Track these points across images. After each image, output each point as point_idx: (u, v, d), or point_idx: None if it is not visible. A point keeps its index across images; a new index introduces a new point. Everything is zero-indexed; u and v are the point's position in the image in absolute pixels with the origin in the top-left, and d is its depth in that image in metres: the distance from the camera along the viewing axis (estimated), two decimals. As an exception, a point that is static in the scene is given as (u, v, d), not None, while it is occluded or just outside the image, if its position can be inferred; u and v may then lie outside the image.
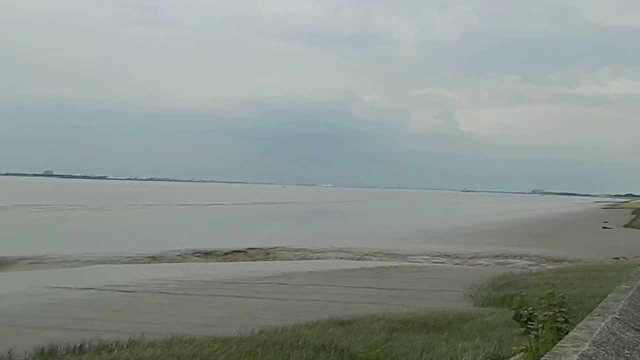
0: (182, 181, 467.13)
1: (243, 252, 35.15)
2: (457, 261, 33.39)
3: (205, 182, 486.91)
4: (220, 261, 32.34)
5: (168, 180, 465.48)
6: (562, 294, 5.85)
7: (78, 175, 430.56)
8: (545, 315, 5.52)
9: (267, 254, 35.06)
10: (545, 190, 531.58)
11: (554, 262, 32.15)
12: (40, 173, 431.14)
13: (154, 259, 31.21)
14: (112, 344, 9.79)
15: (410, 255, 34.58)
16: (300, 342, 9.44)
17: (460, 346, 9.32)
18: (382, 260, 32.43)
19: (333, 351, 9.12)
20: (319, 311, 14.67)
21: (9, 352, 9.47)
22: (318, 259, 33.46)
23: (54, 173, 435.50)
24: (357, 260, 32.65)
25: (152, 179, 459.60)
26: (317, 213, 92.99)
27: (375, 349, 8.63)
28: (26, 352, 9.50)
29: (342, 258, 33.50)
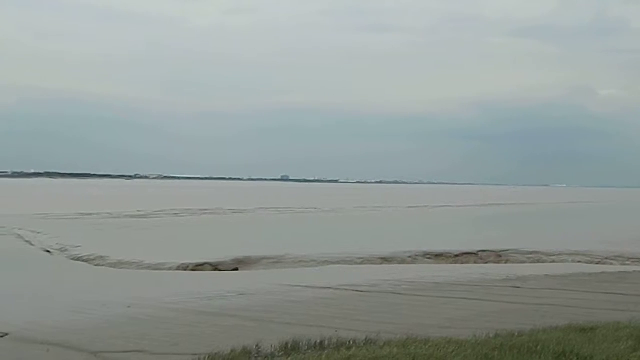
0: (410, 183, 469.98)
1: (474, 254, 34.65)
2: None
3: (433, 183, 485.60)
4: (450, 263, 32.15)
5: (396, 182, 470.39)
6: None
7: (311, 179, 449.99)
8: None
9: (499, 256, 34.25)
10: None
11: None
12: (278, 178, 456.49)
13: (385, 260, 31.78)
14: (349, 342, 10.10)
15: (657, 260, 32.01)
16: (538, 348, 9.09)
17: None
18: (624, 265, 30.34)
19: (574, 358, 8.68)
20: (556, 316, 14.05)
21: (257, 345, 10.13)
22: (553, 261, 32.08)
23: (290, 177, 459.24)
24: (597, 264, 30.82)
25: (380, 182, 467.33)
26: (549, 214, 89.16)
27: (622, 358, 8.10)
28: (272, 346, 10.10)
29: (579, 261, 31.83)
